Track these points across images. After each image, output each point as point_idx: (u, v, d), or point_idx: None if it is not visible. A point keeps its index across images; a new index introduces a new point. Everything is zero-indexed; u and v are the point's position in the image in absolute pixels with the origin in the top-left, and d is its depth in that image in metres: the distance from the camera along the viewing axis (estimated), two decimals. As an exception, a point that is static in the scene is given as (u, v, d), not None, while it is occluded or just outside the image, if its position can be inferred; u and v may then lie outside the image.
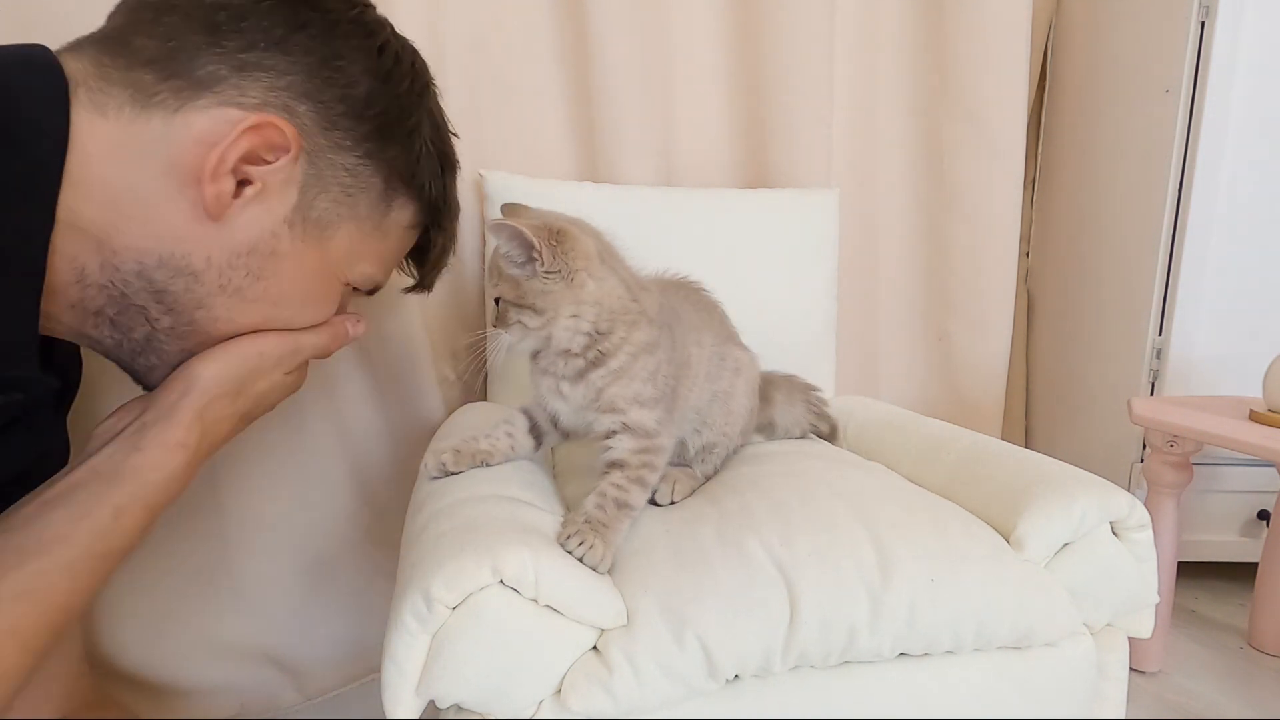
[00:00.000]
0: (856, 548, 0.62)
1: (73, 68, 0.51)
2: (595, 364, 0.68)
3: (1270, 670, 1.09)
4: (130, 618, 0.93)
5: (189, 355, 0.58)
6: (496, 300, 0.69)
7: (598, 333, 0.68)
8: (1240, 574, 1.25)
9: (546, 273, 0.66)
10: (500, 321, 0.69)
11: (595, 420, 0.70)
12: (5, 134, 0.46)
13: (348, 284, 0.64)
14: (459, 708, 0.55)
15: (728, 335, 0.86)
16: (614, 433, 0.69)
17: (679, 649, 0.55)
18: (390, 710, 0.53)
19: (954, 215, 1.38)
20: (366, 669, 1.05)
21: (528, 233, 0.63)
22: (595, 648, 0.57)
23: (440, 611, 0.52)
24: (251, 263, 0.55)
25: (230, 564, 0.99)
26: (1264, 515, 1.22)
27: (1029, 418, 1.55)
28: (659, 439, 0.70)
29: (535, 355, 0.72)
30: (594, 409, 0.70)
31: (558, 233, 0.66)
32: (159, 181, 0.51)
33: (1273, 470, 1.18)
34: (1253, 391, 1.03)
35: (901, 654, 0.62)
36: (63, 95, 0.49)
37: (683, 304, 0.80)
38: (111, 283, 0.52)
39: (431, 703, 0.54)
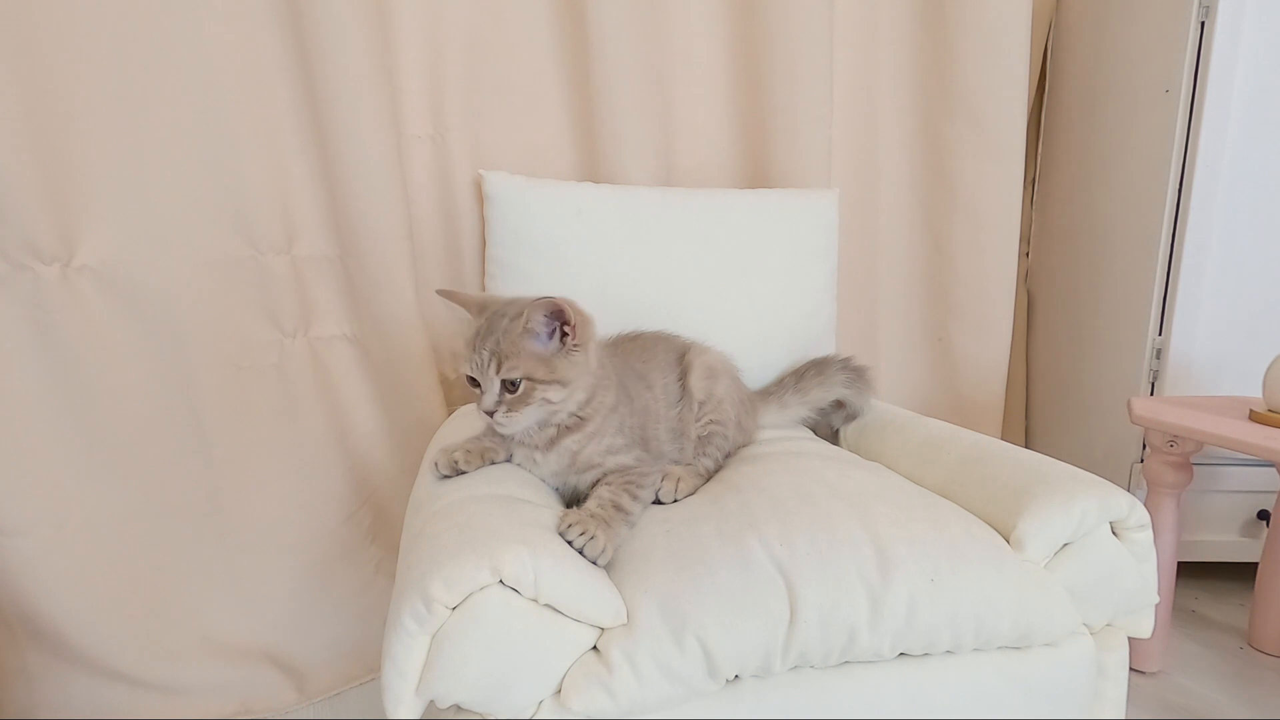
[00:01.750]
0: (856, 547, 0.62)
1: None
2: (571, 429, 0.72)
3: (1270, 670, 1.09)
4: (131, 617, 0.93)
5: None
6: (512, 384, 0.67)
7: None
8: (1240, 574, 1.25)
9: (575, 345, 0.69)
10: (520, 402, 0.68)
11: (577, 480, 0.73)
12: None
13: None
14: (459, 708, 0.55)
15: (679, 352, 0.90)
16: (598, 481, 0.72)
17: (679, 649, 0.55)
18: (390, 711, 0.53)
19: (954, 216, 1.38)
20: (366, 669, 1.05)
21: (568, 309, 0.66)
22: (595, 648, 0.57)
23: (440, 612, 0.52)
24: None
25: (230, 564, 0.99)
26: (1264, 515, 1.22)
27: (1029, 418, 1.55)
28: (641, 467, 0.73)
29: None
30: (572, 471, 0.73)
31: (574, 307, 0.69)
32: None
33: (1273, 470, 1.18)
34: (1253, 391, 1.03)
35: (901, 654, 0.62)
36: None
37: (629, 357, 0.84)
38: None
39: (432, 702, 0.54)
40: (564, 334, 0.69)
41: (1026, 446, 0.91)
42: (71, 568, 0.89)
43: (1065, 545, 0.66)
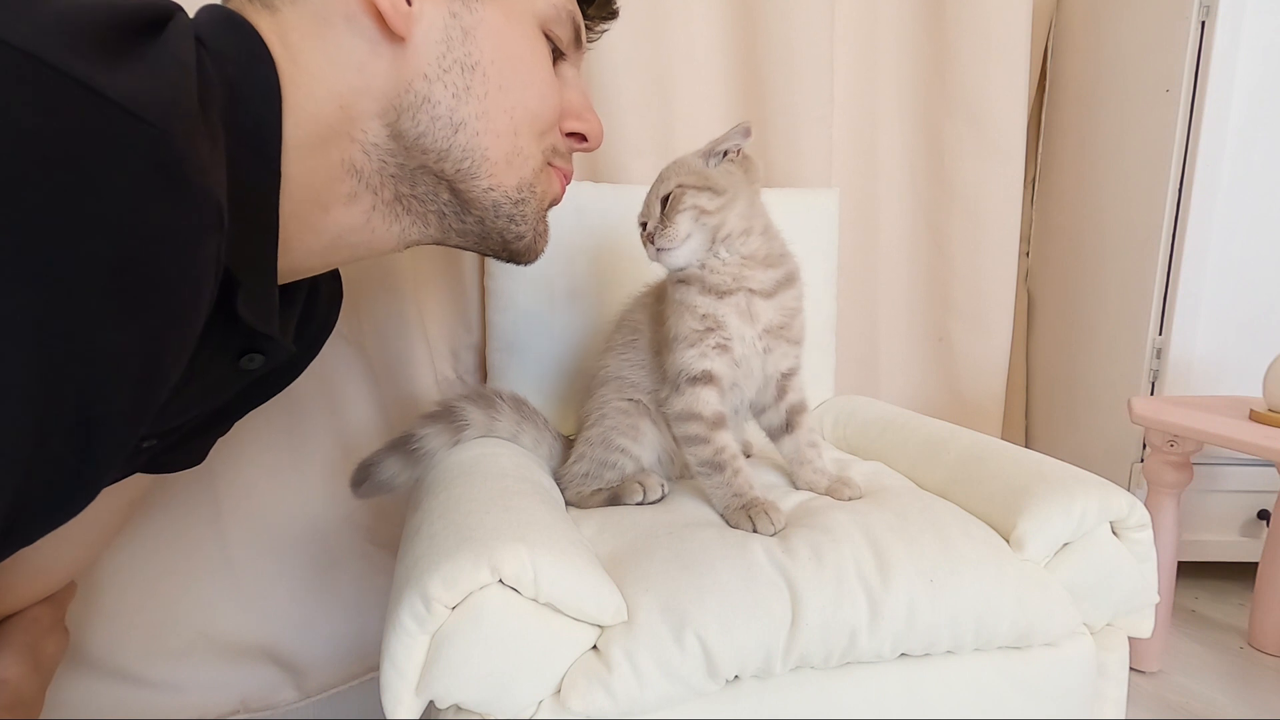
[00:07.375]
0: (856, 549, 0.62)
1: None
2: (787, 283, 0.69)
3: (1270, 670, 1.09)
4: (129, 615, 0.93)
5: (496, 189, 0.57)
6: (664, 199, 0.69)
7: (776, 254, 0.70)
8: (1240, 574, 1.25)
9: (728, 159, 0.69)
10: (672, 209, 0.67)
11: (770, 359, 0.69)
12: (237, 101, 0.43)
13: (547, 32, 0.59)
14: (458, 708, 0.55)
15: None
16: (790, 374, 0.69)
17: (679, 649, 0.55)
18: (390, 711, 0.53)
19: (954, 215, 1.38)
20: (366, 667, 1.05)
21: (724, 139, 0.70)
22: (595, 647, 0.56)
23: (439, 611, 0.52)
24: (454, 54, 0.52)
25: (230, 562, 0.99)
26: (1264, 515, 1.22)
27: (1029, 418, 1.55)
28: None
29: (700, 281, 0.70)
30: (782, 337, 0.69)
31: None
32: (350, 37, 0.49)
33: (1273, 470, 1.18)
34: (1253, 391, 1.03)
35: (902, 654, 0.62)
36: (252, 34, 0.46)
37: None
38: (383, 160, 0.52)
39: (431, 702, 0.54)
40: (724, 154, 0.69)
41: (1026, 446, 0.91)
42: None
43: (1065, 545, 0.66)
